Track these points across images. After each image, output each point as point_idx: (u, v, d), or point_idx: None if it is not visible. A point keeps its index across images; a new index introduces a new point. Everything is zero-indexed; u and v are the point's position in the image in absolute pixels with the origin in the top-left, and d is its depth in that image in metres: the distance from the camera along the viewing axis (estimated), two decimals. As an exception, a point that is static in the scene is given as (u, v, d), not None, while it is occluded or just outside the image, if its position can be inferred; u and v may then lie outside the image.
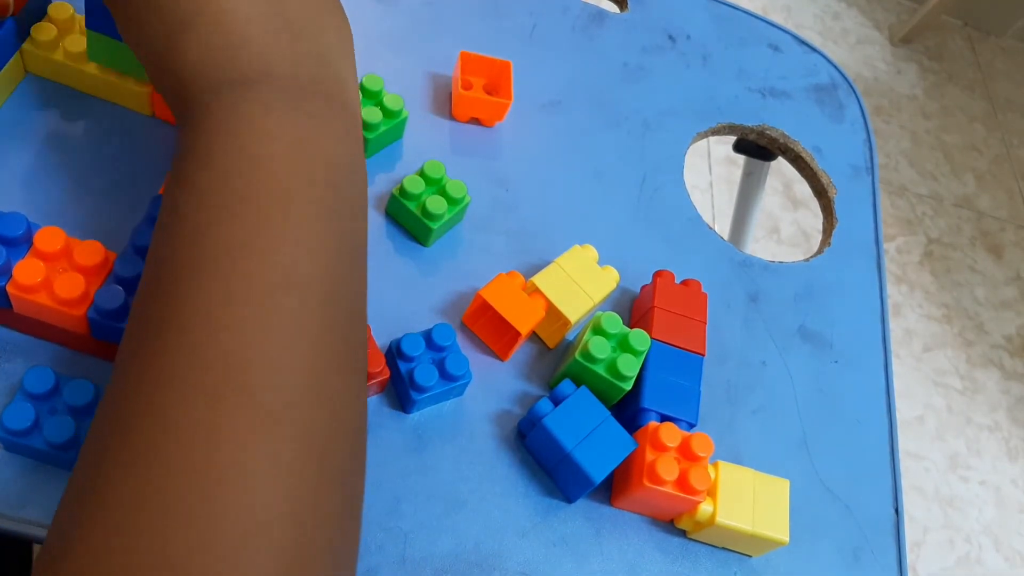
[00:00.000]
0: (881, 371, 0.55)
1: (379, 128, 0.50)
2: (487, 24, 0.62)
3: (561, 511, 0.44)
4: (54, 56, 0.46)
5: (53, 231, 0.38)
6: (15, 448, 0.37)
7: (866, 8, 2.00)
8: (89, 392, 0.37)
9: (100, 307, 0.37)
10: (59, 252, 0.38)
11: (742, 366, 0.52)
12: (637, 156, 0.59)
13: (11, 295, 0.37)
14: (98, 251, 0.39)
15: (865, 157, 0.66)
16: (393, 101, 0.51)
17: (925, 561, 1.29)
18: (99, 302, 0.37)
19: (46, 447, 0.36)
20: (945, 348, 1.52)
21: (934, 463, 1.39)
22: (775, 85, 0.68)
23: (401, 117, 0.52)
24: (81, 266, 0.38)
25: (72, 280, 0.37)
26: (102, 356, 0.40)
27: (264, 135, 0.31)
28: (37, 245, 0.38)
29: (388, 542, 0.40)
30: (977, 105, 1.92)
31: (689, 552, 0.45)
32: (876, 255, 0.61)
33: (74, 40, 0.46)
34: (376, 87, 0.51)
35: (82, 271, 0.38)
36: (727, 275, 0.56)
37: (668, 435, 0.42)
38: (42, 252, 0.38)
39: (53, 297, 0.37)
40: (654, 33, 0.67)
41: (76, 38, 0.46)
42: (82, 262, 0.38)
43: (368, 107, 0.50)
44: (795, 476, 0.48)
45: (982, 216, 1.73)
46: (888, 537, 0.48)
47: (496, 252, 0.51)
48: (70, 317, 0.38)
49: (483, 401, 0.46)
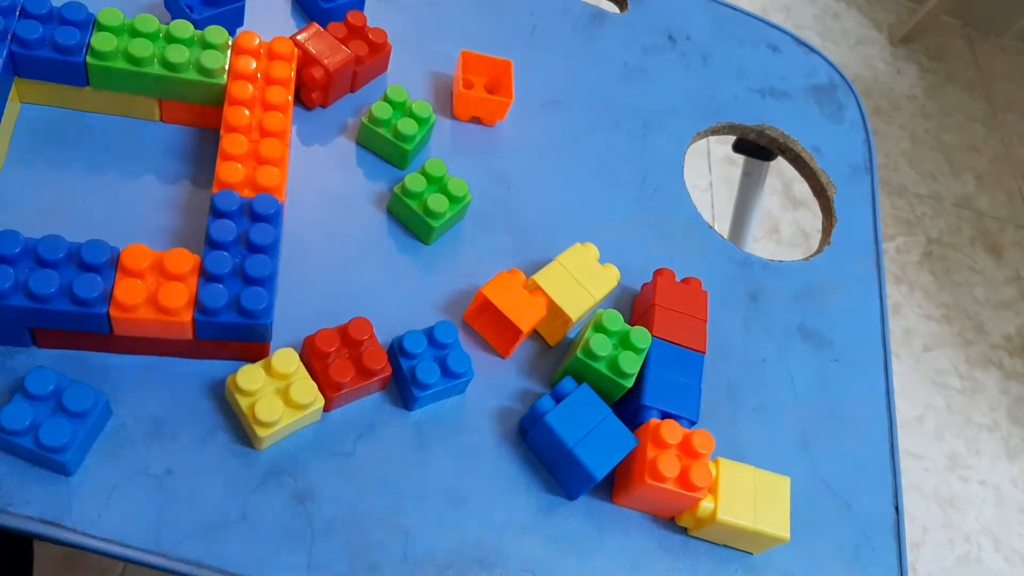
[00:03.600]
0: (881, 370, 0.55)
1: (415, 139, 0.51)
2: (488, 24, 0.62)
3: (562, 508, 0.44)
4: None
5: (138, 248, 0.39)
6: (8, 447, 0.37)
7: (866, 8, 2.00)
8: (89, 398, 0.37)
9: (206, 306, 0.39)
10: (148, 268, 0.39)
11: (743, 364, 0.52)
12: (637, 156, 0.59)
13: (115, 319, 0.38)
14: (186, 258, 0.39)
15: (864, 157, 0.67)
16: (421, 108, 0.52)
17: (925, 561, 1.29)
18: (205, 301, 0.39)
19: (37, 448, 0.36)
20: (945, 348, 1.52)
21: (934, 463, 1.39)
22: (775, 85, 0.68)
23: (431, 123, 0.52)
24: (176, 274, 0.39)
25: (175, 290, 0.38)
26: (201, 356, 0.42)
27: None
28: (126, 264, 0.38)
29: (390, 539, 0.40)
30: (977, 105, 1.92)
31: (690, 549, 0.45)
32: (875, 255, 0.61)
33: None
34: (401, 98, 0.51)
35: (178, 279, 0.39)
36: (727, 274, 0.56)
37: (669, 432, 0.43)
38: (133, 271, 0.38)
39: (160, 309, 0.38)
40: (654, 33, 0.67)
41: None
42: (175, 270, 0.39)
43: (402, 119, 0.51)
44: (795, 473, 0.49)
45: (982, 216, 1.73)
46: (888, 535, 0.49)
47: (497, 250, 0.51)
48: (177, 325, 0.39)
49: (485, 398, 0.46)
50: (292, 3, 0.57)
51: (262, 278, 0.40)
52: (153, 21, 0.46)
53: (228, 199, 0.42)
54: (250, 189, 0.43)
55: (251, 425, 0.40)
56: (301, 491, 0.41)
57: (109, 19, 0.45)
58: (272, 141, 0.45)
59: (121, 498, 0.38)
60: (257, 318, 0.39)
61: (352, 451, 0.42)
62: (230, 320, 0.39)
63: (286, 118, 0.46)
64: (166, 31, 0.46)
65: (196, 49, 0.47)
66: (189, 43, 0.47)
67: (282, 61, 0.48)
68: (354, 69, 0.53)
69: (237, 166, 0.44)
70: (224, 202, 0.42)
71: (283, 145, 0.45)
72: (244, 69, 0.47)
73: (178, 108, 0.48)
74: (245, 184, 0.44)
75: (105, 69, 0.45)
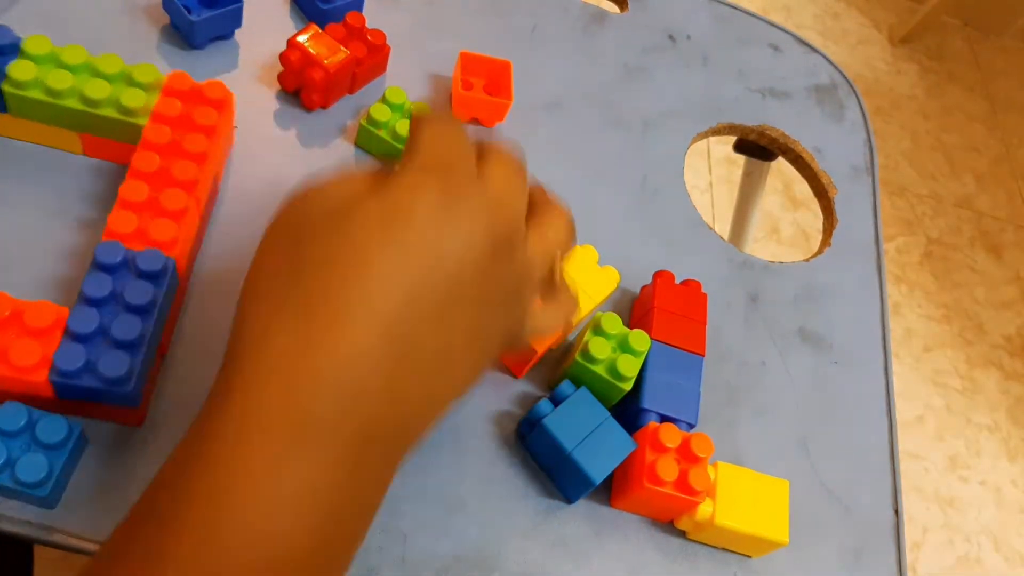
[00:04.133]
0: (881, 371, 0.55)
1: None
2: (487, 24, 0.62)
3: (561, 512, 0.44)
4: None
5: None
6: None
7: (866, 8, 2.00)
8: (63, 428, 0.36)
9: (62, 369, 0.36)
10: (8, 318, 0.36)
11: (742, 367, 0.52)
12: (637, 156, 0.59)
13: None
14: (49, 310, 0.37)
15: (865, 157, 0.66)
16: (420, 110, 0.51)
17: (925, 561, 1.29)
18: (59, 362, 0.36)
19: (16, 486, 0.35)
20: (945, 348, 1.52)
21: (934, 463, 1.39)
22: (775, 85, 0.68)
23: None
24: (33, 329, 0.36)
25: (26, 346, 0.36)
26: (70, 413, 0.39)
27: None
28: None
29: (388, 543, 0.40)
30: (977, 105, 1.92)
31: (689, 553, 0.45)
32: (876, 255, 0.61)
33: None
34: (399, 100, 0.51)
35: (34, 334, 0.36)
36: (727, 275, 0.56)
37: (668, 436, 0.42)
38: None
39: (10, 366, 0.36)
40: (654, 33, 0.67)
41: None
42: (33, 324, 0.36)
43: (400, 121, 0.51)
44: (795, 477, 0.48)
45: (982, 216, 1.73)
46: (888, 538, 0.48)
47: (496, 252, 0.51)
48: (31, 384, 0.36)
49: (483, 402, 0.46)
50: (291, 4, 0.57)
51: (127, 341, 0.37)
52: (81, 52, 0.44)
53: (111, 251, 0.39)
54: (140, 242, 0.40)
55: (248, 428, 0.39)
56: (298, 495, 0.40)
57: (35, 47, 0.43)
58: (175, 192, 0.41)
59: (118, 502, 0.38)
60: (115, 384, 0.36)
61: (350, 454, 0.42)
62: (88, 384, 0.36)
63: (200, 169, 0.43)
64: (93, 64, 0.44)
65: (120, 85, 0.44)
66: (114, 78, 0.44)
67: (209, 107, 0.45)
68: (353, 71, 0.53)
69: (131, 216, 0.40)
70: (106, 254, 0.39)
71: (188, 197, 0.41)
72: (166, 111, 0.44)
73: (100, 144, 0.46)
74: (135, 236, 0.40)
75: (21, 98, 0.43)
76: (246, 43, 0.54)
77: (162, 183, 0.42)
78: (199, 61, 0.52)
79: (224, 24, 0.52)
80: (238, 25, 0.53)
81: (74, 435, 0.37)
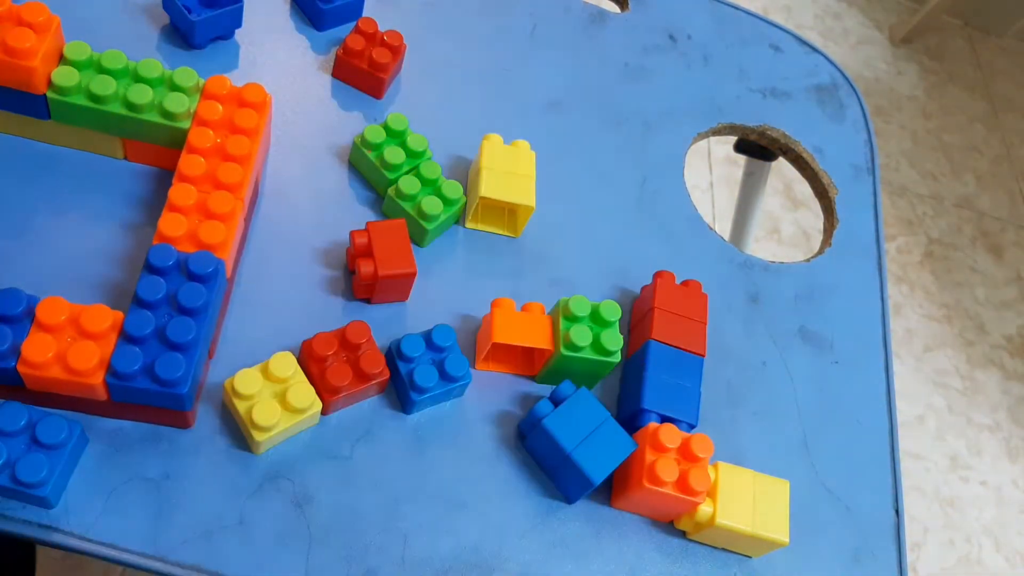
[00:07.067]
0: (881, 371, 0.55)
1: (402, 168, 0.49)
2: (488, 24, 0.62)
3: (561, 512, 0.44)
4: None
5: (55, 301, 0.37)
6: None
7: (866, 8, 1.99)
8: (63, 428, 0.36)
9: (118, 371, 0.36)
10: (65, 322, 0.37)
11: (742, 367, 0.52)
12: (637, 156, 0.59)
13: (23, 374, 0.36)
14: (105, 314, 0.37)
15: (866, 157, 0.66)
16: (417, 142, 0.50)
17: (925, 561, 1.29)
18: (117, 365, 0.36)
19: (16, 485, 0.35)
20: (945, 348, 1.52)
21: (934, 463, 1.39)
22: (776, 85, 0.68)
23: (425, 157, 0.50)
24: (90, 332, 0.37)
25: (84, 349, 0.36)
26: (124, 417, 0.39)
27: None
28: (40, 318, 0.36)
29: (388, 543, 0.40)
30: (977, 105, 1.92)
31: (689, 553, 0.45)
32: (877, 255, 0.60)
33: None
34: (400, 127, 0.50)
35: (92, 337, 0.37)
36: (727, 276, 0.56)
37: (668, 436, 0.42)
38: (47, 325, 0.36)
39: (68, 370, 0.36)
40: (655, 33, 0.67)
41: None
42: (90, 328, 0.37)
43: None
44: (795, 477, 0.48)
45: (982, 216, 1.73)
46: (888, 538, 0.48)
47: (494, 251, 0.51)
48: (87, 387, 0.37)
49: (483, 402, 0.46)
50: (291, 4, 0.57)
51: (182, 343, 0.37)
52: (121, 57, 0.44)
53: (164, 254, 0.39)
54: (191, 244, 0.40)
55: (249, 429, 0.39)
56: (299, 495, 0.40)
57: (75, 53, 0.43)
58: (223, 195, 0.42)
59: (119, 502, 0.38)
60: (170, 387, 0.37)
61: (350, 455, 0.42)
62: (144, 386, 0.37)
63: (245, 171, 0.43)
64: (134, 68, 0.44)
65: (162, 90, 0.44)
66: (156, 83, 0.44)
67: (250, 110, 0.45)
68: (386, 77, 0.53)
69: (181, 219, 0.41)
70: (159, 257, 0.39)
71: (235, 199, 0.42)
72: (208, 115, 0.44)
73: (142, 148, 0.46)
74: (186, 239, 0.40)
75: (65, 104, 0.43)
76: (246, 43, 0.54)
77: (209, 186, 0.42)
78: (199, 61, 0.52)
79: (224, 24, 0.52)
80: (238, 25, 0.53)
81: (74, 435, 0.37)
